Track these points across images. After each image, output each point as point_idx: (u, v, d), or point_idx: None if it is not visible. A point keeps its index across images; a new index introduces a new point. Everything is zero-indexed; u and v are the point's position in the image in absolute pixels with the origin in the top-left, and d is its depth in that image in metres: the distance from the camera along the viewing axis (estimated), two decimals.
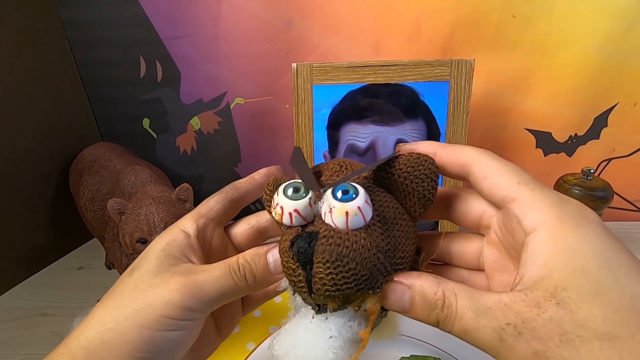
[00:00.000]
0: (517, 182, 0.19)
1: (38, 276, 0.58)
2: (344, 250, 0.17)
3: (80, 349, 0.20)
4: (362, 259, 0.17)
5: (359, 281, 0.17)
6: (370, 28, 0.57)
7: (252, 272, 0.21)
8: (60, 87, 0.61)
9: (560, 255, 0.16)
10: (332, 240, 0.17)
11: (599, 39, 0.54)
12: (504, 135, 0.62)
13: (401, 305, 0.19)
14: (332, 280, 0.17)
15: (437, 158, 0.21)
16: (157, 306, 0.20)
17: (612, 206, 0.55)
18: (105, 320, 0.20)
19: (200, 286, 0.20)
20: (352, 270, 0.17)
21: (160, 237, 0.23)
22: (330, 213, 0.17)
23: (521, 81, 0.58)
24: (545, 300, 0.15)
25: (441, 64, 0.47)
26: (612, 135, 0.60)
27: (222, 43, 0.60)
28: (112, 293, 0.21)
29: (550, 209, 0.17)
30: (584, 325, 0.15)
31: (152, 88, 0.64)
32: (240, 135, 0.66)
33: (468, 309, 0.17)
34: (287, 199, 0.18)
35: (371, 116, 0.49)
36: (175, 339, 0.20)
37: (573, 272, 0.16)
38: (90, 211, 0.51)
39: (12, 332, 0.47)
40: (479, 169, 0.20)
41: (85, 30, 0.61)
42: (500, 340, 0.16)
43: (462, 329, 0.17)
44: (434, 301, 0.18)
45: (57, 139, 0.60)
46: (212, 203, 0.25)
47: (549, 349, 0.15)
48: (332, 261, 0.17)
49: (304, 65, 0.48)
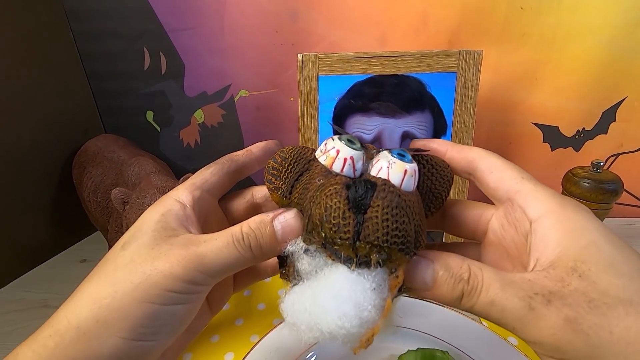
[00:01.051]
0: (520, 176, 0.20)
1: (41, 268, 0.58)
2: (402, 203, 0.17)
3: (71, 329, 0.18)
4: (413, 217, 0.18)
5: (406, 239, 0.17)
6: (376, 20, 0.57)
7: (258, 241, 0.20)
8: (64, 80, 0.61)
9: (570, 233, 0.17)
10: (393, 189, 0.17)
11: (608, 32, 0.54)
12: (511, 130, 0.61)
13: (423, 280, 0.18)
14: (386, 229, 0.17)
15: (447, 154, 0.22)
16: (158, 280, 0.18)
17: (619, 202, 0.54)
18: (98, 297, 0.19)
19: (203, 258, 0.19)
20: (405, 224, 0.17)
21: (153, 207, 0.22)
22: (389, 168, 0.18)
23: (529, 74, 0.58)
24: (568, 275, 0.16)
25: (449, 54, 0.46)
26: (621, 130, 0.59)
27: (226, 35, 0.59)
28: (104, 268, 0.20)
29: (551, 198, 0.19)
30: (608, 294, 0.15)
31: (156, 81, 0.63)
32: (245, 128, 0.66)
33: (495, 280, 0.17)
34: (345, 146, 0.19)
35: (377, 108, 0.49)
36: (178, 312, 0.19)
37: (587, 247, 0.17)
38: (94, 203, 0.51)
39: (14, 324, 0.47)
40: (485, 164, 0.21)
41: (90, 22, 0.60)
42: (529, 309, 0.16)
43: (488, 300, 0.17)
44: (459, 274, 0.18)
45: (61, 131, 0.60)
46: (208, 175, 0.24)
47: (579, 315, 0.15)
48: (392, 207, 0.17)
49: (309, 55, 0.47)
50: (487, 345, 0.37)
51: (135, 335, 0.18)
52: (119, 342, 0.18)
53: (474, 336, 0.38)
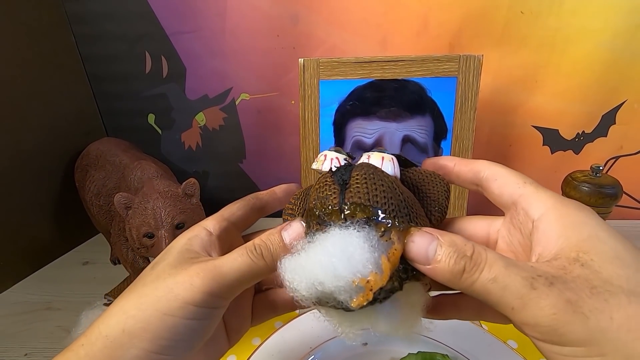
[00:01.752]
0: (522, 181, 0.21)
1: (43, 271, 0.58)
2: (380, 173, 0.20)
3: (101, 337, 0.20)
4: (394, 188, 0.20)
5: (389, 202, 0.19)
6: (377, 23, 0.57)
7: (268, 248, 0.22)
8: (65, 82, 0.61)
9: (572, 226, 0.18)
10: (370, 165, 0.21)
11: (608, 35, 0.54)
12: (511, 132, 0.62)
13: (424, 252, 0.18)
14: (366, 189, 0.19)
15: (455, 167, 0.24)
16: (179, 292, 0.20)
17: (619, 204, 0.55)
18: (127, 308, 0.20)
19: (220, 268, 0.21)
20: (384, 187, 0.20)
21: (184, 234, 0.24)
22: (368, 158, 0.21)
23: (529, 78, 0.58)
24: (570, 264, 0.16)
25: (449, 59, 0.47)
26: (621, 132, 0.59)
27: (228, 38, 0.60)
28: (135, 285, 0.22)
29: (552, 197, 0.19)
30: (611, 282, 0.16)
31: (157, 83, 0.64)
32: (246, 131, 0.66)
33: (498, 259, 0.17)
34: (331, 152, 0.23)
35: (378, 112, 0.49)
36: (196, 328, 0.21)
37: (589, 238, 0.17)
38: (96, 206, 0.51)
39: (17, 326, 0.47)
40: (489, 172, 0.22)
41: (91, 24, 0.61)
42: (531, 288, 0.16)
43: (491, 276, 0.17)
44: (463, 250, 0.18)
45: (63, 134, 0.60)
46: (235, 209, 0.26)
47: (580, 298, 0.15)
48: (369, 174, 0.20)
49: (311, 60, 0.47)
50: (487, 349, 0.37)
51: (155, 347, 0.19)
52: (140, 352, 0.19)
53: (474, 340, 0.38)
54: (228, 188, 0.71)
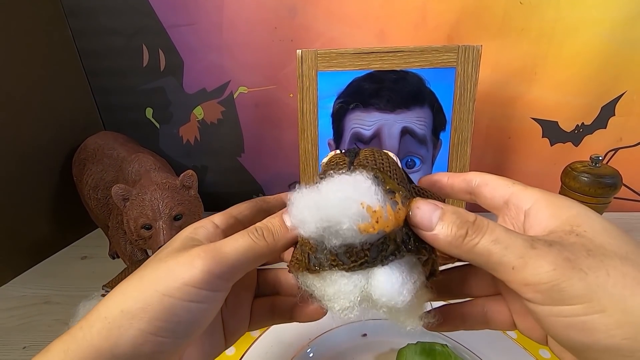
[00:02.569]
0: (511, 182, 0.22)
1: (42, 265, 0.58)
2: (384, 154, 0.22)
3: (100, 319, 0.19)
4: (395, 165, 0.22)
5: (392, 169, 0.21)
6: (375, 16, 0.57)
7: (270, 229, 0.22)
8: (62, 77, 0.61)
9: (561, 208, 0.19)
10: (376, 148, 0.23)
11: (607, 26, 0.54)
12: (510, 125, 0.62)
13: (429, 217, 0.19)
14: (372, 156, 0.22)
15: (449, 179, 0.25)
16: (179, 272, 0.20)
17: (618, 197, 0.54)
18: (127, 289, 0.20)
19: (221, 249, 0.21)
20: (388, 162, 0.21)
21: (190, 225, 0.24)
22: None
23: (528, 69, 0.58)
24: (566, 235, 0.18)
25: (448, 50, 0.46)
26: (620, 124, 0.59)
27: (225, 31, 0.59)
28: (138, 270, 0.22)
29: (540, 191, 0.21)
30: (605, 248, 0.17)
31: (155, 77, 0.63)
32: (244, 125, 0.66)
33: (499, 226, 0.18)
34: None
35: (376, 104, 0.49)
36: (195, 311, 0.20)
37: (578, 215, 0.19)
38: (94, 199, 0.51)
39: (16, 319, 0.47)
40: (480, 180, 0.24)
41: (88, 18, 0.60)
42: (531, 247, 0.17)
43: (493, 237, 0.18)
44: (466, 217, 0.19)
45: (60, 129, 0.60)
46: (243, 208, 0.26)
47: (578, 257, 0.16)
48: (375, 150, 0.22)
49: (308, 51, 0.47)
50: (486, 338, 0.37)
51: (153, 328, 0.19)
52: (137, 333, 0.19)
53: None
54: (227, 182, 0.70)
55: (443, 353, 0.35)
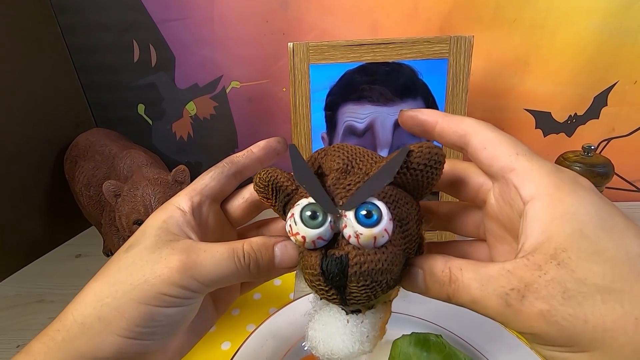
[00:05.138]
0: (515, 152, 0.19)
1: (35, 264, 0.58)
2: (377, 272, 0.18)
3: (76, 324, 0.19)
4: (391, 270, 0.18)
5: (389, 285, 0.19)
6: (367, 8, 0.56)
7: (257, 262, 0.21)
8: (52, 74, 0.60)
9: (558, 220, 0.17)
10: (364, 266, 0.17)
11: (598, 16, 0.54)
12: (503, 116, 0.62)
13: (418, 286, 0.20)
14: (366, 295, 0.18)
15: (438, 126, 0.22)
16: (155, 283, 0.19)
17: (611, 186, 0.55)
18: (101, 296, 0.20)
19: (201, 267, 0.20)
20: (384, 282, 0.18)
21: (156, 214, 0.23)
22: (357, 238, 0.17)
23: (520, 60, 0.58)
24: (546, 263, 0.16)
25: (440, 41, 0.46)
26: (612, 114, 0.59)
27: (216, 25, 0.59)
28: (108, 269, 0.21)
29: (547, 177, 0.18)
30: (585, 282, 0.15)
31: (146, 73, 0.63)
32: (237, 120, 0.65)
33: (473, 280, 0.17)
34: (308, 229, 0.18)
35: (369, 96, 0.49)
36: (173, 314, 0.20)
37: (571, 234, 0.16)
38: (86, 197, 0.51)
39: (10, 319, 0.47)
40: (478, 139, 0.20)
41: (77, 14, 0.59)
42: (506, 306, 0.16)
43: (470, 299, 0.17)
44: (441, 278, 0.18)
45: (51, 126, 0.59)
46: (207, 179, 0.24)
47: (552, 307, 0.15)
48: (367, 284, 0.18)
49: (300, 44, 0.47)
50: (480, 328, 0.37)
51: (132, 334, 0.19)
52: (117, 339, 0.19)
53: (467, 320, 0.38)
54: None
55: (437, 343, 0.35)
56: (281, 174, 0.21)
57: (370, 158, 0.21)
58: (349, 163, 0.20)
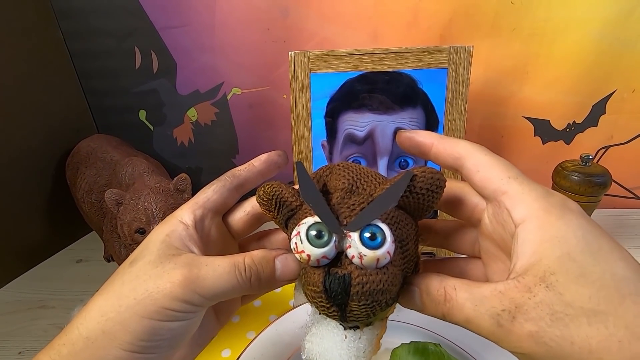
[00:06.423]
0: (507, 175, 0.20)
1: (37, 269, 0.58)
2: (378, 292, 0.18)
3: (81, 338, 0.20)
4: (391, 290, 0.19)
5: (389, 304, 0.19)
6: (368, 16, 0.57)
7: (258, 275, 0.21)
8: (54, 79, 0.60)
9: (547, 243, 0.17)
10: (366, 286, 0.18)
11: (597, 25, 0.54)
12: (502, 124, 0.62)
13: (415, 304, 0.20)
14: (366, 313, 0.19)
15: (433, 148, 0.22)
16: (158, 297, 0.20)
17: (610, 194, 0.55)
18: (105, 310, 0.20)
19: (203, 282, 0.20)
20: (383, 302, 0.19)
21: (159, 228, 0.23)
22: (361, 259, 0.18)
23: (520, 69, 0.58)
24: (535, 285, 0.17)
25: (439, 50, 0.46)
26: (611, 122, 0.60)
27: (218, 32, 0.59)
28: (113, 283, 0.21)
29: (537, 201, 0.19)
30: (572, 305, 0.16)
31: (148, 79, 0.63)
32: (238, 126, 0.66)
33: (467, 300, 0.18)
34: (313, 248, 0.18)
35: (369, 105, 0.49)
36: (176, 328, 0.21)
37: (560, 257, 0.17)
38: (88, 203, 0.51)
39: (11, 324, 0.47)
40: (472, 162, 0.21)
41: (79, 20, 0.60)
42: (498, 326, 0.17)
43: (464, 319, 0.18)
44: (437, 297, 0.19)
45: (53, 132, 0.59)
46: (210, 192, 0.24)
47: (541, 329, 0.16)
48: (368, 303, 0.18)
49: (301, 53, 0.47)
50: (479, 338, 0.37)
51: (136, 348, 0.20)
52: (121, 353, 0.19)
53: (466, 330, 0.39)
54: None
55: (436, 352, 0.35)
56: (286, 189, 0.22)
57: (375, 179, 0.21)
58: (354, 183, 0.21)
